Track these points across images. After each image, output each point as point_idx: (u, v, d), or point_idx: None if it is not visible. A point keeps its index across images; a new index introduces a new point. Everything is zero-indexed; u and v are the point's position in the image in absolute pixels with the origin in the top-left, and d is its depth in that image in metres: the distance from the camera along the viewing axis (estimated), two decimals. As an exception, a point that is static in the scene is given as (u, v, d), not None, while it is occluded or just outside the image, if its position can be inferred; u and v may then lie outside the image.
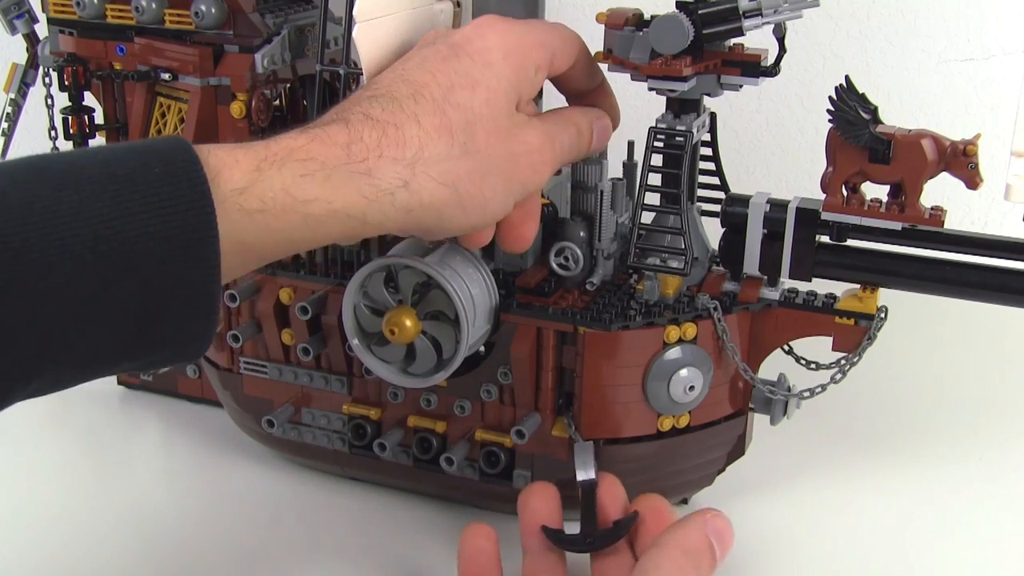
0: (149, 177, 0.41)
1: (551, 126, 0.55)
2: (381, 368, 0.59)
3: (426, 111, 0.49)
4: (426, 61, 0.51)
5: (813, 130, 1.09)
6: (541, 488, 0.58)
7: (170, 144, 0.43)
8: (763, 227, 0.61)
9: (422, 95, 0.49)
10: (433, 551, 0.64)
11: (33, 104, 0.78)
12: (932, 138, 0.56)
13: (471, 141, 0.50)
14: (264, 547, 0.65)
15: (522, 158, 0.52)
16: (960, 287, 0.59)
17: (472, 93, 0.50)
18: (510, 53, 0.52)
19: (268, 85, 0.69)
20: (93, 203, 0.40)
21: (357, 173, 0.46)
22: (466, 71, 0.50)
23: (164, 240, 0.41)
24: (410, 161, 0.48)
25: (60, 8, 0.71)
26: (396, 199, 0.47)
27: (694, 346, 0.60)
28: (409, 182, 0.48)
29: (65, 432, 0.77)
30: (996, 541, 0.66)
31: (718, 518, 0.53)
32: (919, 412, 0.80)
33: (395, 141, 0.48)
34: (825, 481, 0.71)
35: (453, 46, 0.51)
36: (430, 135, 0.48)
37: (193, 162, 0.42)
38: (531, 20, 0.56)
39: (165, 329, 0.42)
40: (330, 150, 0.46)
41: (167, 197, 0.41)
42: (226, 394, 0.71)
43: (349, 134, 0.47)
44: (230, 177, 0.43)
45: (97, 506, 0.69)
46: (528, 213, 0.55)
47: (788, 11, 0.56)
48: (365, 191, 0.47)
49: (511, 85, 0.52)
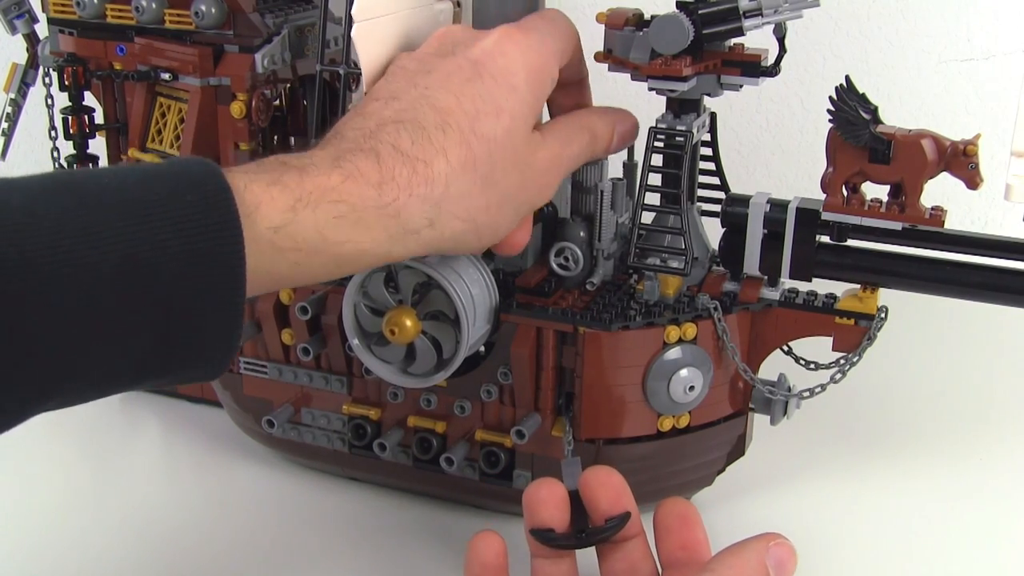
0: (180, 203, 0.41)
1: (561, 136, 0.55)
2: (381, 368, 0.59)
3: (453, 143, 0.49)
4: (450, 80, 0.51)
5: (813, 130, 1.09)
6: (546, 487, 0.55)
7: (202, 170, 0.43)
8: (763, 227, 0.61)
9: (449, 126, 0.49)
10: (433, 551, 0.64)
11: (33, 104, 0.78)
12: (932, 138, 0.56)
13: (491, 172, 0.50)
14: (264, 547, 0.65)
15: (531, 181, 0.53)
16: (960, 287, 0.59)
17: (496, 121, 0.50)
18: (532, 73, 0.52)
19: (268, 85, 0.69)
20: (124, 227, 0.40)
21: (387, 216, 0.47)
22: (491, 96, 0.50)
23: (192, 268, 0.41)
24: (437, 200, 0.48)
25: (60, 8, 0.71)
26: (421, 237, 0.48)
27: (694, 346, 0.60)
28: (435, 221, 0.48)
29: (65, 432, 0.77)
30: (996, 541, 0.66)
31: (782, 546, 0.49)
32: (919, 412, 0.80)
33: (424, 180, 0.48)
34: (825, 481, 0.71)
35: (476, 65, 0.51)
36: (456, 171, 0.49)
37: (225, 191, 0.42)
38: (539, 22, 0.55)
39: (185, 354, 0.42)
40: (363, 190, 0.46)
41: (198, 227, 0.41)
42: (226, 394, 0.71)
43: (381, 172, 0.47)
44: (266, 215, 0.44)
45: (97, 506, 0.69)
46: (522, 223, 0.55)
47: (788, 11, 0.56)
48: (392, 231, 0.47)
49: (531, 109, 0.52)
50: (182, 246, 0.40)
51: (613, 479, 0.53)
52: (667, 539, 0.53)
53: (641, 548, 0.54)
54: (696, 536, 0.53)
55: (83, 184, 0.41)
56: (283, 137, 0.75)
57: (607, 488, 0.53)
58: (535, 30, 0.54)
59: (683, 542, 0.52)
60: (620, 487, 0.53)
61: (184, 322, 0.41)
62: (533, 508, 0.53)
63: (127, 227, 0.40)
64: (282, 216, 0.44)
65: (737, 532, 0.53)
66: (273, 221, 0.44)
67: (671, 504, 0.54)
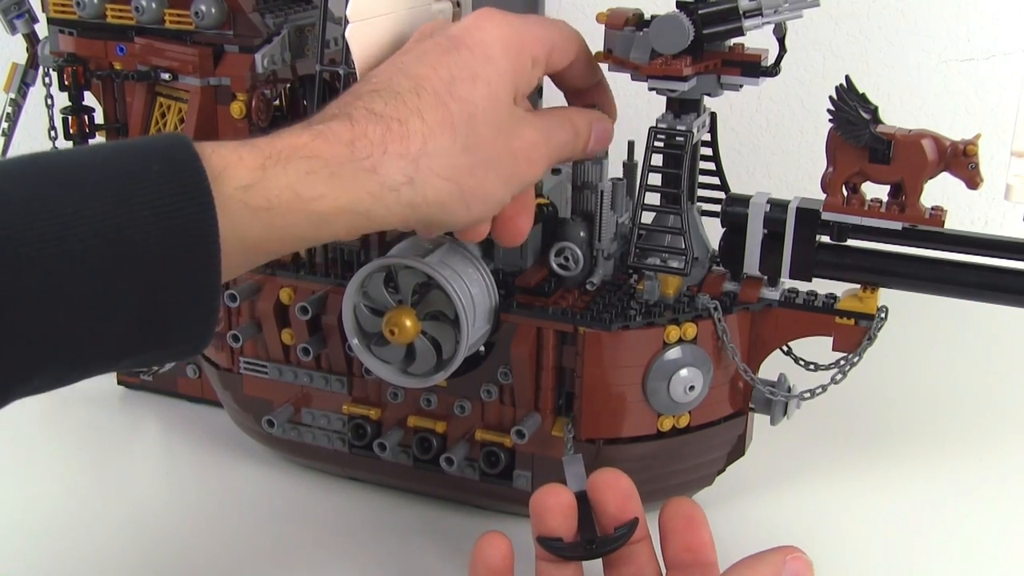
0: (149, 175, 0.41)
1: (547, 123, 0.55)
2: (381, 368, 0.59)
3: (429, 105, 0.49)
4: (425, 54, 0.51)
5: (813, 130, 1.09)
6: (553, 495, 0.54)
7: (170, 141, 0.42)
8: (763, 227, 0.61)
9: (424, 89, 0.49)
10: (433, 551, 0.64)
11: (33, 104, 0.78)
12: (932, 138, 0.56)
13: (473, 135, 0.50)
14: (264, 547, 0.65)
15: (520, 152, 0.52)
16: (960, 287, 0.59)
17: (473, 86, 0.50)
18: (509, 46, 0.52)
19: (268, 85, 0.69)
20: (94, 202, 0.40)
21: (362, 170, 0.46)
22: (466, 64, 0.50)
23: (165, 239, 0.40)
24: (414, 157, 0.48)
25: (60, 8, 0.71)
26: (401, 195, 0.47)
27: (694, 346, 0.60)
28: (414, 178, 0.48)
29: (65, 432, 0.77)
30: (996, 540, 0.66)
31: (799, 560, 0.48)
32: (919, 412, 0.80)
33: (399, 136, 0.47)
34: (825, 481, 0.71)
35: (452, 38, 0.51)
36: (433, 130, 0.48)
37: (193, 159, 0.42)
38: (530, 15, 0.55)
39: (165, 327, 0.42)
40: (335, 147, 0.46)
41: (167, 195, 0.41)
42: (226, 394, 0.71)
43: (353, 130, 0.47)
44: (235, 175, 0.43)
45: (97, 506, 0.69)
46: (523, 206, 0.55)
47: (788, 11, 0.56)
48: (370, 188, 0.47)
49: (510, 79, 0.52)
50: (154, 217, 0.40)
51: (622, 482, 0.53)
52: (673, 540, 0.53)
53: (647, 552, 0.54)
54: (702, 538, 0.52)
55: (55, 163, 0.41)
56: (283, 137, 0.75)
57: (615, 492, 0.53)
58: (519, 16, 0.54)
59: (689, 544, 0.52)
60: (629, 491, 0.53)
61: (163, 290, 0.41)
62: (540, 515, 0.53)
63: (99, 204, 0.39)
64: (252, 174, 0.44)
65: (737, 532, 0.53)
66: (242, 180, 0.43)
67: (677, 505, 0.53)
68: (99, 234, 0.39)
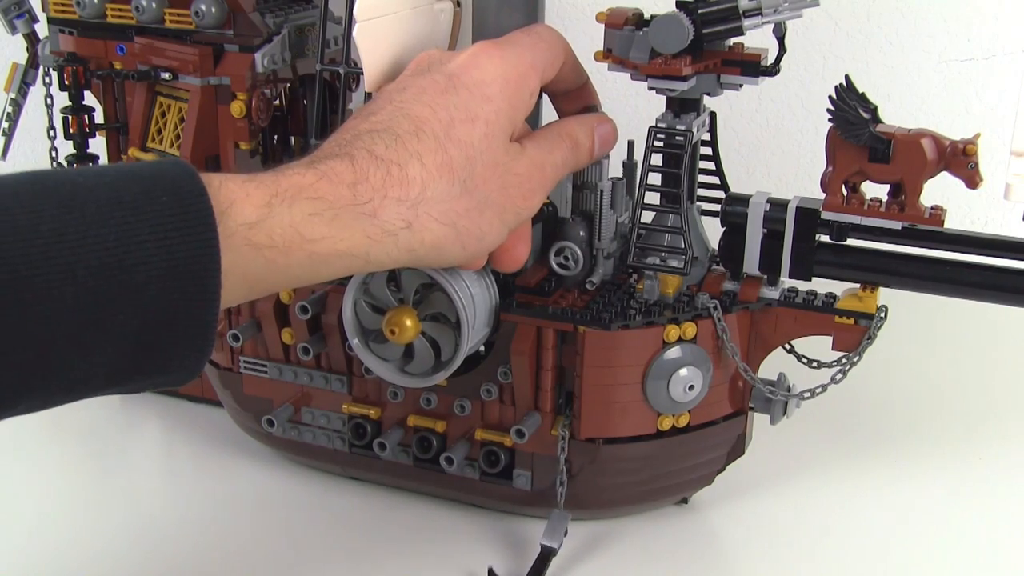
0: (156, 205, 0.41)
1: (543, 147, 0.55)
2: (380, 367, 0.59)
3: (428, 149, 0.49)
4: (424, 93, 0.51)
5: (813, 130, 1.09)
6: None
7: (177, 171, 0.42)
8: (763, 227, 0.61)
9: (423, 132, 0.49)
10: (433, 551, 0.64)
11: (33, 104, 0.78)
12: (932, 138, 0.56)
13: (471, 179, 0.50)
14: (264, 546, 0.65)
15: (513, 189, 0.53)
16: (960, 287, 0.59)
17: (471, 128, 0.50)
18: (507, 83, 0.52)
19: (268, 85, 0.69)
20: (99, 228, 0.39)
21: (363, 215, 0.47)
22: (464, 105, 0.51)
23: (166, 270, 0.40)
24: (414, 202, 0.48)
25: (60, 8, 0.71)
26: (399, 240, 0.48)
27: (694, 345, 0.60)
28: (412, 223, 0.48)
29: (65, 432, 0.77)
30: (996, 540, 0.66)
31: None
32: (919, 412, 0.80)
33: (399, 181, 0.48)
34: (825, 481, 0.71)
35: (451, 77, 0.51)
36: (432, 174, 0.49)
37: (200, 193, 0.42)
38: (521, 37, 0.55)
39: (158, 357, 0.42)
40: (338, 189, 0.46)
41: (172, 228, 0.40)
42: (226, 394, 0.71)
43: (355, 173, 0.47)
44: (241, 211, 0.43)
45: (97, 506, 0.69)
46: (520, 237, 0.55)
47: (788, 11, 0.56)
48: (370, 232, 0.47)
49: (508, 118, 0.52)
50: (157, 248, 0.40)
51: None
52: None
53: None
54: None
55: (60, 184, 0.40)
56: (283, 137, 0.75)
57: None
58: (513, 44, 0.54)
59: None
60: None
61: (160, 321, 0.41)
62: None
63: (102, 230, 0.39)
64: (257, 212, 0.44)
65: (737, 532, 0.53)
66: (248, 217, 0.44)
67: None
68: (102, 262, 0.39)
